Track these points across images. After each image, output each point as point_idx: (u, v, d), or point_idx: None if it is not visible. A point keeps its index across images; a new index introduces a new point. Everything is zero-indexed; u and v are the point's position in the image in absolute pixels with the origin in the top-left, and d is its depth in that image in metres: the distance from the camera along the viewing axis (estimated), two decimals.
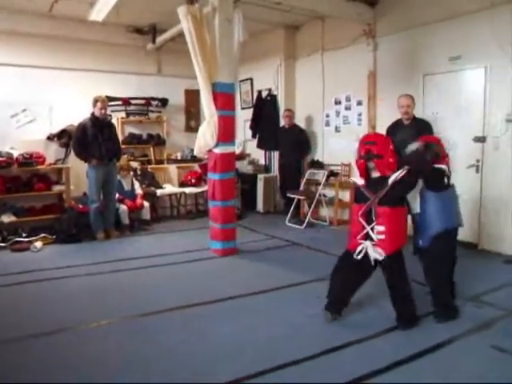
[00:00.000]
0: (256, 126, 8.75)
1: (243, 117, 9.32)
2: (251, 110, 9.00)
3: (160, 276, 4.98)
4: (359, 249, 3.40)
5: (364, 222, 3.39)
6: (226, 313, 3.85)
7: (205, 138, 5.59)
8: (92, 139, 6.34)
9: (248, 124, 8.99)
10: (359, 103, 7.34)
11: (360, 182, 3.52)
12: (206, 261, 5.51)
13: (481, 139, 5.79)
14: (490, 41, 5.58)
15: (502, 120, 5.53)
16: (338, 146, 7.69)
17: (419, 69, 6.42)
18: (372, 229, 3.36)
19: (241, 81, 9.55)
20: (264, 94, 8.76)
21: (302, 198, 7.49)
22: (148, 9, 7.25)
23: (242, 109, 9.56)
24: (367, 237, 3.39)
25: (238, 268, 5.24)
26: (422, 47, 6.39)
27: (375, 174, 3.47)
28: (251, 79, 9.33)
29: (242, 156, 9.30)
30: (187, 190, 8.20)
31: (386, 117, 6.79)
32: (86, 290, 4.48)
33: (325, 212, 7.67)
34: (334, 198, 7.45)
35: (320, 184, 7.42)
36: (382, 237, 3.32)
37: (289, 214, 7.55)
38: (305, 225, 7.22)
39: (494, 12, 5.52)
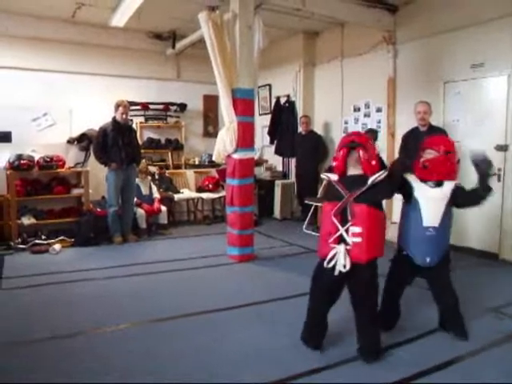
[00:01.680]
0: (274, 132, 8.75)
1: (261, 123, 9.34)
2: (269, 115, 9.00)
3: (176, 281, 4.98)
4: (331, 255, 2.93)
5: (338, 223, 2.93)
6: (241, 320, 3.84)
7: (224, 144, 5.60)
8: (112, 143, 6.39)
9: (266, 130, 9.00)
10: (378, 110, 7.30)
11: (334, 177, 3.10)
12: (223, 266, 5.51)
13: (503, 148, 5.72)
14: None
15: None
16: None
17: (440, 76, 6.36)
18: (347, 230, 2.90)
19: (259, 87, 9.53)
20: (282, 100, 8.75)
21: (319, 204, 7.44)
22: (168, 15, 7.31)
23: (260, 115, 9.57)
24: (340, 240, 2.92)
25: (254, 274, 5.22)
26: (443, 54, 6.34)
27: (353, 172, 3.06)
28: (270, 85, 9.35)
29: (259, 162, 9.29)
30: (204, 195, 8.22)
31: (405, 124, 6.74)
32: (102, 294, 4.51)
33: None
34: None
35: None
36: (359, 240, 2.86)
37: (306, 221, 7.51)
38: None
39: None
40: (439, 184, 3.31)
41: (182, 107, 8.94)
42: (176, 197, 7.95)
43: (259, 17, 5.81)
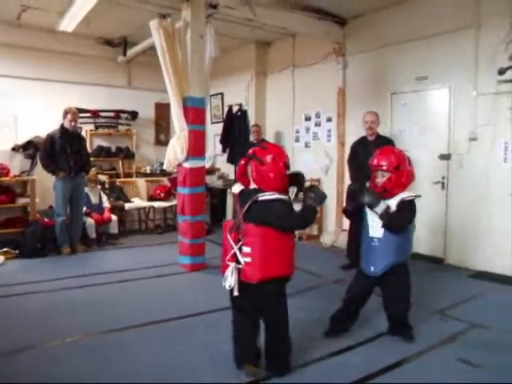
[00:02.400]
0: (226, 140, 8.74)
1: (213, 131, 9.35)
2: (221, 124, 8.99)
3: (126, 291, 4.88)
4: (226, 273, 2.82)
5: (231, 241, 2.83)
6: (188, 329, 3.80)
7: (175, 152, 5.55)
8: (60, 151, 6.21)
9: (218, 138, 8.98)
10: (329, 120, 7.46)
11: (236, 189, 2.98)
12: (174, 276, 5.45)
13: (446, 157, 5.96)
14: (454, 62, 5.80)
15: (465, 138, 5.71)
16: (307, 162, 7.76)
17: (387, 87, 6.58)
18: (240, 249, 2.80)
19: (211, 95, 9.54)
20: (235, 109, 8.78)
21: None
22: (119, 21, 7.22)
23: (213, 123, 9.60)
24: (236, 258, 2.82)
25: (205, 284, 5.16)
26: (390, 66, 6.56)
27: (252, 185, 2.89)
28: (222, 94, 9.37)
29: (211, 170, 9.29)
30: (156, 204, 8.12)
31: (355, 134, 6.92)
32: (49, 306, 4.35)
33: None
34: None
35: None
36: (249, 259, 2.77)
37: None
38: None
39: (458, 35, 5.72)
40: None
41: (133, 115, 8.82)
42: (127, 206, 7.82)
43: (211, 26, 5.82)
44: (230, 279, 2.77)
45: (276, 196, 2.74)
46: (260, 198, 2.73)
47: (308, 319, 3.92)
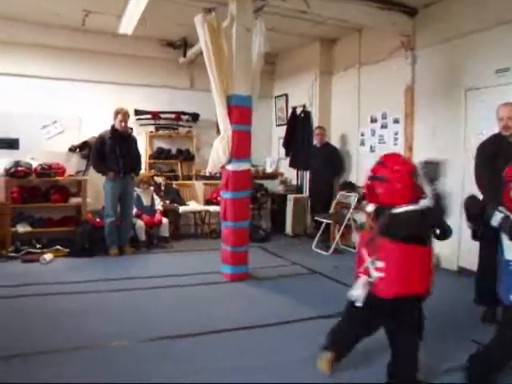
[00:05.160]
0: (289, 143, 8.34)
1: (277, 134, 9.00)
2: (285, 127, 8.60)
3: (158, 299, 4.63)
4: (357, 284, 2.77)
5: (365, 254, 2.77)
6: (202, 349, 3.42)
7: (218, 154, 5.25)
8: (110, 152, 6.18)
9: (282, 142, 8.59)
10: (396, 121, 6.76)
11: (369, 208, 2.93)
12: (212, 285, 5.10)
13: None
14: None
15: None
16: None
17: (461, 83, 5.82)
18: (373, 263, 2.72)
19: (276, 97, 9.30)
20: (298, 110, 8.34)
21: (329, 221, 6.95)
22: (175, 21, 7.05)
23: (277, 125, 9.25)
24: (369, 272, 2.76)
25: (242, 296, 4.80)
26: (464, 59, 5.79)
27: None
28: (286, 95, 8.98)
29: (274, 175, 8.92)
30: (211, 208, 7.85)
31: (424, 136, 6.26)
32: (87, 309, 4.21)
33: (356, 238, 7.10)
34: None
35: (351, 207, 6.85)
36: (381, 275, 2.68)
37: (316, 239, 7.03)
38: (331, 251, 6.67)
39: None
40: None
41: (195, 117, 8.63)
42: (181, 209, 7.63)
43: (261, 20, 5.47)
44: (360, 291, 2.73)
45: (409, 208, 2.63)
46: (394, 211, 2.64)
47: None
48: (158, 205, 7.10)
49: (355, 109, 7.54)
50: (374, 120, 7.23)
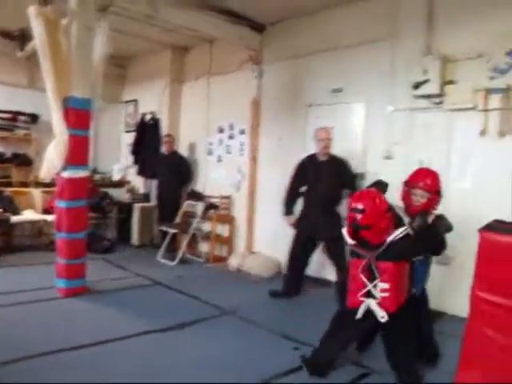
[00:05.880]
0: (138, 151, 8.07)
1: (126, 140, 8.66)
2: (134, 133, 8.31)
3: None
4: (362, 308, 3.01)
5: (365, 279, 2.99)
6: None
7: (52, 159, 4.82)
8: None
9: (130, 149, 8.29)
10: (242, 132, 6.92)
11: (350, 241, 3.06)
12: (41, 303, 4.62)
13: (360, 176, 5.54)
14: (370, 75, 5.47)
15: (380, 156, 5.33)
16: (218, 177, 7.20)
17: (303, 99, 6.17)
18: (375, 286, 2.96)
19: (125, 102, 8.96)
20: (148, 117, 8.12)
21: (175, 231, 6.83)
22: (12, 8, 6.37)
23: (126, 132, 8.92)
24: (369, 294, 3.00)
25: (75, 313, 4.43)
26: (306, 77, 6.16)
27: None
28: (136, 101, 8.71)
29: (121, 183, 8.56)
30: (50, 217, 7.23)
31: (268, 148, 6.47)
32: None
33: (202, 247, 7.08)
34: (210, 232, 6.88)
35: (197, 217, 6.81)
36: (386, 295, 2.93)
37: (162, 249, 6.85)
38: (176, 261, 6.55)
39: (375, 47, 5.41)
40: None
41: (34, 118, 7.92)
42: (13, 218, 6.90)
43: (105, 20, 5.17)
44: (381, 312, 2.93)
45: (402, 234, 2.95)
46: (389, 240, 2.93)
47: None
48: None
49: (204, 118, 7.55)
50: (221, 130, 7.30)
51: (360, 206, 2.92)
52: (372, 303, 2.96)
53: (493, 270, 1.97)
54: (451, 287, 4.58)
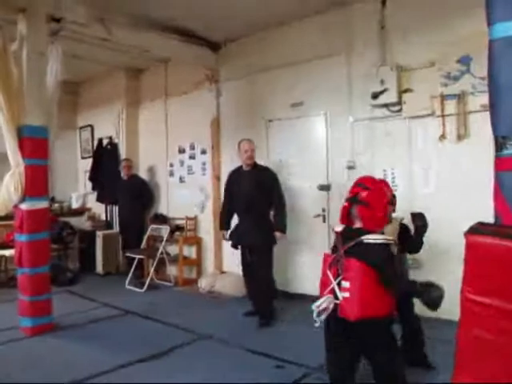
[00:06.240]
0: (96, 177, 7.87)
1: (83, 167, 8.45)
2: (91, 159, 8.11)
3: None
4: (320, 301, 2.69)
5: (331, 276, 2.74)
6: None
7: (8, 192, 4.60)
8: None
9: (88, 175, 8.07)
10: (203, 152, 6.87)
11: (338, 228, 2.89)
12: (9, 344, 4.35)
13: (325, 187, 5.60)
14: (328, 88, 5.55)
15: (343, 167, 5.39)
16: (182, 198, 7.09)
17: (263, 115, 6.20)
18: (339, 284, 2.70)
19: (80, 128, 8.73)
20: (105, 142, 7.94)
21: (141, 257, 6.65)
22: None
23: (83, 158, 8.68)
24: (334, 293, 2.72)
25: (42, 353, 4.17)
26: (264, 93, 6.19)
27: (357, 225, 2.83)
28: (92, 126, 8.52)
29: (81, 211, 8.31)
30: (8, 252, 6.91)
31: (232, 166, 6.40)
32: None
33: (171, 271, 6.92)
34: (178, 255, 6.74)
35: (163, 240, 6.66)
36: (347, 295, 2.65)
37: (129, 276, 6.65)
38: (145, 287, 6.37)
39: (331, 60, 5.51)
40: None
41: None
42: None
43: (58, 44, 5.02)
44: (324, 305, 2.66)
45: (381, 241, 2.69)
46: (365, 241, 2.68)
47: None
48: None
49: (163, 140, 7.47)
50: (182, 150, 7.23)
51: (367, 184, 2.87)
52: (327, 299, 2.69)
53: (481, 271, 1.98)
54: None
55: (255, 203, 4.95)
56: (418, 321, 3.57)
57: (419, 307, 3.03)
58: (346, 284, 2.66)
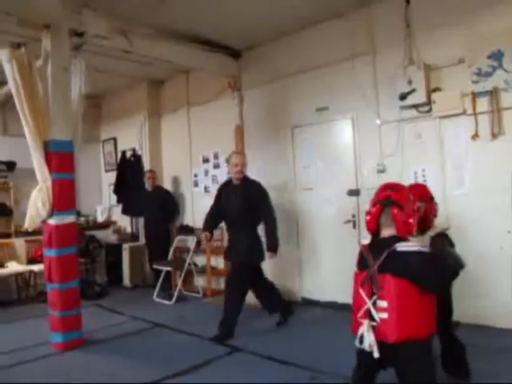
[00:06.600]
0: (120, 189, 7.87)
1: (108, 180, 8.46)
2: (115, 172, 8.11)
3: None
4: (360, 332, 2.51)
5: (364, 295, 2.53)
6: None
7: (36, 207, 4.59)
8: None
9: (112, 188, 8.08)
10: (228, 161, 6.77)
11: (365, 241, 2.78)
12: (38, 361, 4.32)
13: (354, 192, 5.49)
14: (354, 91, 5.43)
15: (373, 171, 5.27)
16: (208, 208, 7.00)
17: (287, 121, 6.11)
18: (374, 304, 2.49)
19: (103, 141, 8.76)
20: (128, 154, 7.95)
21: (169, 268, 6.59)
22: None
23: (107, 171, 8.71)
24: (370, 314, 2.52)
25: (74, 367, 4.14)
26: (288, 99, 6.11)
27: (386, 232, 2.65)
28: (115, 139, 8.54)
29: (106, 224, 8.31)
30: (36, 267, 6.92)
31: (257, 173, 6.33)
32: None
33: (199, 282, 6.84)
34: (205, 265, 6.67)
35: (190, 251, 6.60)
36: (385, 316, 2.44)
37: (156, 288, 6.60)
38: (174, 299, 6.30)
39: (356, 62, 5.39)
40: None
41: (10, 166, 7.67)
42: None
43: (81, 58, 5.04)
44: (368, 338, 2.45)
45: (416, 248, 2.51)
46: (399, 249, 2.49)
47: None
48: None
49: (187, 150, 7.44)
50: (206, 160, 7.18)
51: (396, 187, 2.76)
52: (365, 324, 2.49)
53: None
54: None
55: (242, 218, 4.86)
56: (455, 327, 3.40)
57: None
58: (382, 303, 2.47)
